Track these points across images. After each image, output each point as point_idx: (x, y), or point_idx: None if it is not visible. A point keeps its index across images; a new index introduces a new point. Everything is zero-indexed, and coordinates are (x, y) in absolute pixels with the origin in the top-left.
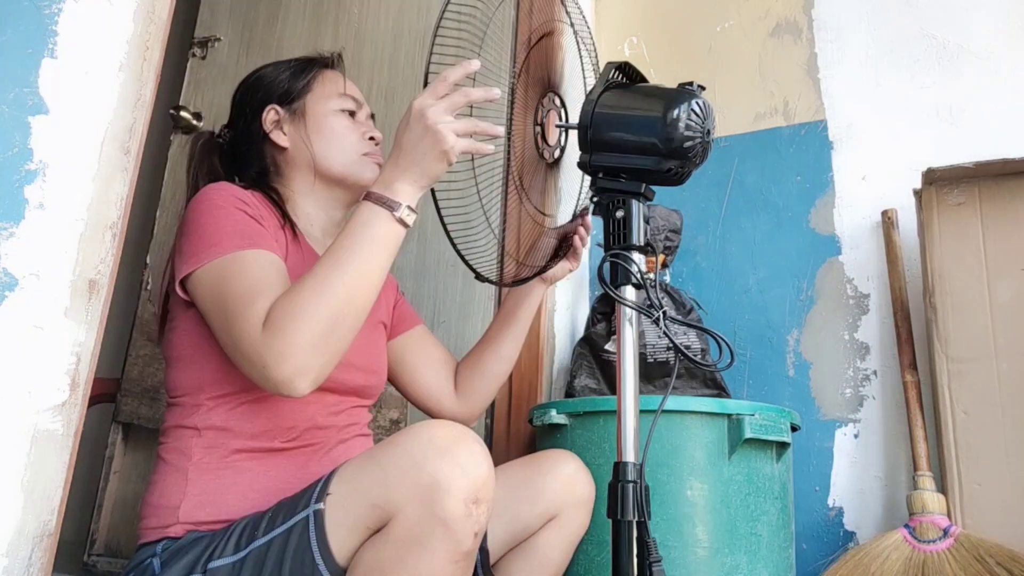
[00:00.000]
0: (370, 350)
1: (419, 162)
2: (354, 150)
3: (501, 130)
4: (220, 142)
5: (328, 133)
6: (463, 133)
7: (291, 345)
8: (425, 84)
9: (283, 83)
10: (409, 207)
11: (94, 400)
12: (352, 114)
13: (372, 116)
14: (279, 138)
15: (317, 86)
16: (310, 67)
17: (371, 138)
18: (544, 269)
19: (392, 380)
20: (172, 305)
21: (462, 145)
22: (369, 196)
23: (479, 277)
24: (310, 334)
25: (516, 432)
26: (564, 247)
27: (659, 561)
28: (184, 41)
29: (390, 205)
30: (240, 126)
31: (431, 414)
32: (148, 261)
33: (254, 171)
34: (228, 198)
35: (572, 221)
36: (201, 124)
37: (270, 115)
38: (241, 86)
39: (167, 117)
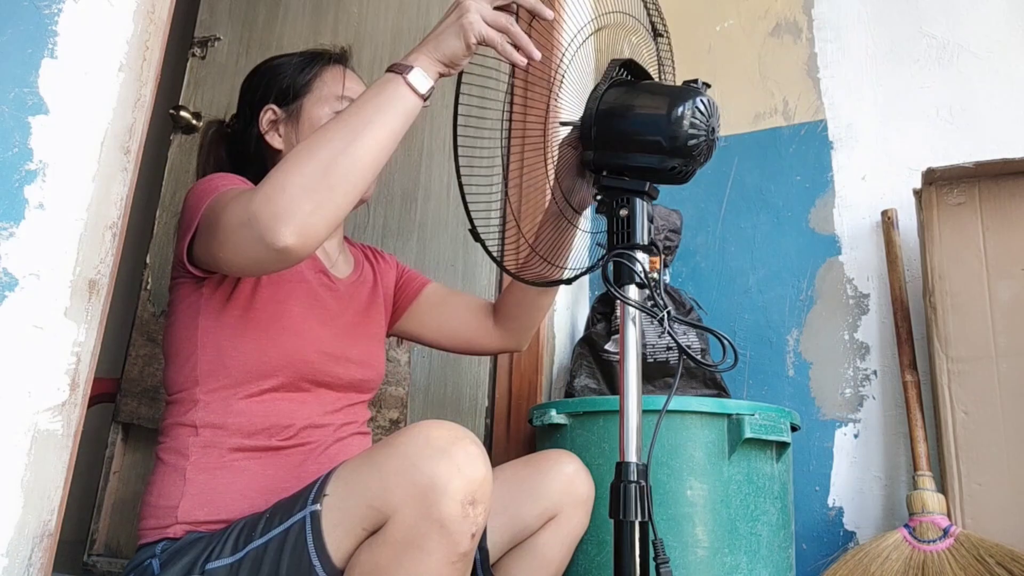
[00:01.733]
0: (366, 344)
1: (438, 35)
2: None
3: (538, 53)
4: (229, 132)
5: None
6: (492, 23)
7: (279, 188)
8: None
9: (283, 81)
10: (423, 72)
11: (94, 400)
12: None
13: None
14: (274, 140)
15: (316, 86)
16: (312, 64)
17: None
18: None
19: (432, 344)
20: (175, 299)
21: (483, 29)
22: (388, 69)
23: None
24: (299, 177)
25: (516, 432)
26: None
27: (667, 562)
28: (184, 41)
29: (400, 69)
30: (242, 122)
31: (484, 354)
32: (148, 261)
33: (253, 170)
34: (223, 176)
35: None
36: (201, 124)
37: (267, 115)
38: (247, 79)
39: (167, 117)
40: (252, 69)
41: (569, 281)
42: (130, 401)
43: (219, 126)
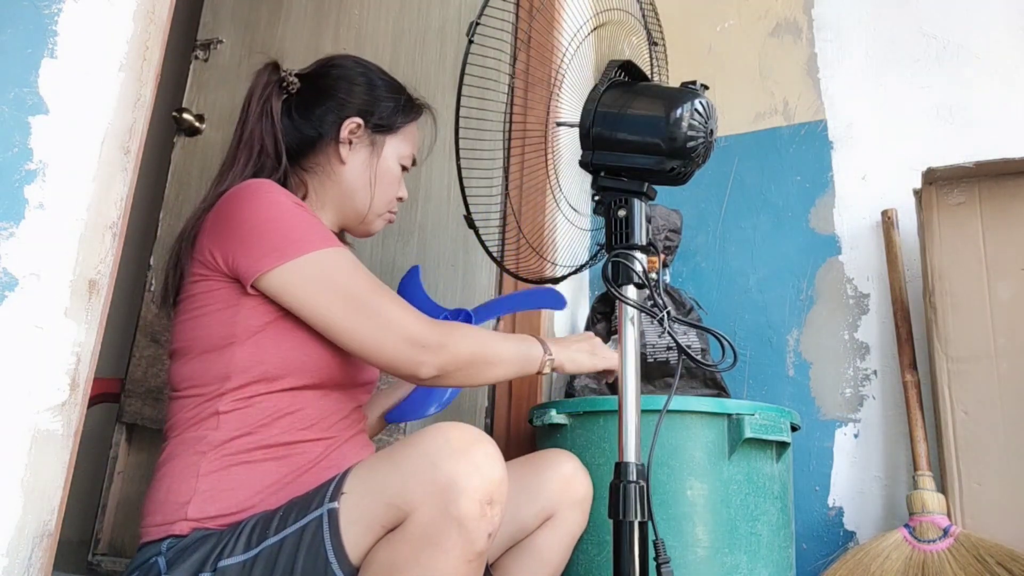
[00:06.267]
0: None
1: (578, 348)
2: (387, 205)
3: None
4: (287, 93)
5: (385, 182)
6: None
7: (457, 346)
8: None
9: (383, 109)
10: (553, 363)
11: (97, 400)
12: (405, 169)
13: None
14: (345, 152)
15: (404, 132)
16: (412, 112)
17: (399, 197)
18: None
19: None
20: (203, 294)
21: (608, 365)
22: (541, 342)
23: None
24: (471, 352)
25: (516, 432)
26: None
27: (668, 562)
28: (186, 44)
29: (548, 351)
30: (317, 106)
31: None
32: (152, 263)
33: (296, 147)
34: (285, 195)
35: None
36: (204, 126)
37: (352, 126)
38: (340, 68)
39: (170, 120)
40: (350, 63)
41: (559, 279)
42: (134, 401)
43: (278, 81)
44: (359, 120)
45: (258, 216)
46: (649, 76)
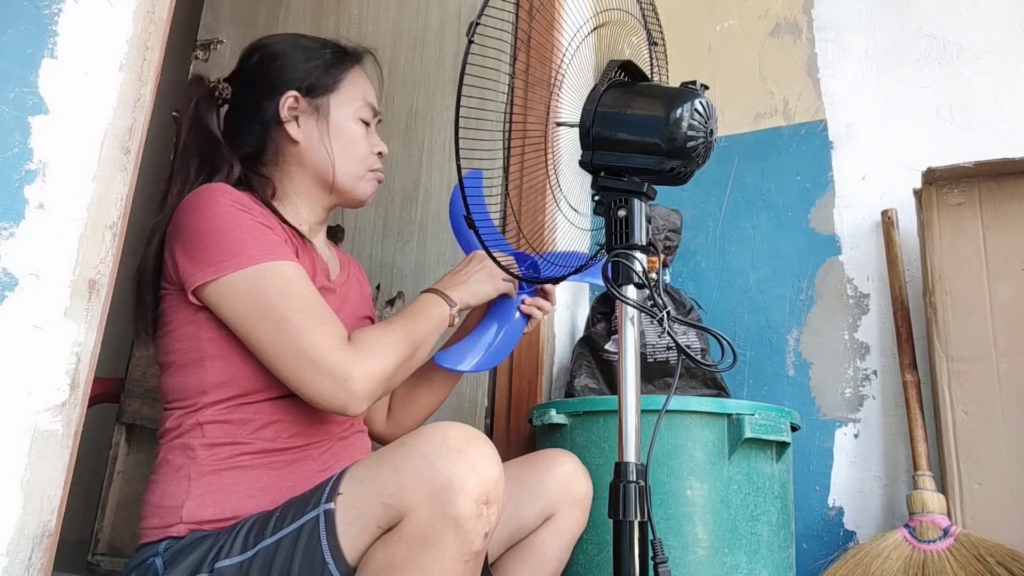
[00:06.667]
0: None
1: (469, 281)
2: (363, 164)
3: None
4: (218, 97)
5: (344, 142)
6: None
7: (377, 369)
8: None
9: (313, 71)
10: (460, 307)
11: (97, 400)
12: (367, 123)
13: (380, 120)
14: (293, 130)
15: (345, 86)
16: (342, 64)
17: (378, 152)
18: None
19: None
20: (169, 309)
21: (504, 285)
22: (431, 292)
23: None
24: (390, 367)
25: (516, 432)
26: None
27: (665, 562)
28: (187, 44)
29: (449, 302)
30: (250, 98)
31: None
32: None
33: (250, 148)
34: (232, 202)
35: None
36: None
37: (289, 101)
38: (259, 51)
39: (170, 120)
40: (267, 42)
41: (559, 280)
42: (133, 402)
43: (207, 91)
44: (293, 93)
45: (202, 227)
46: (649, 76)
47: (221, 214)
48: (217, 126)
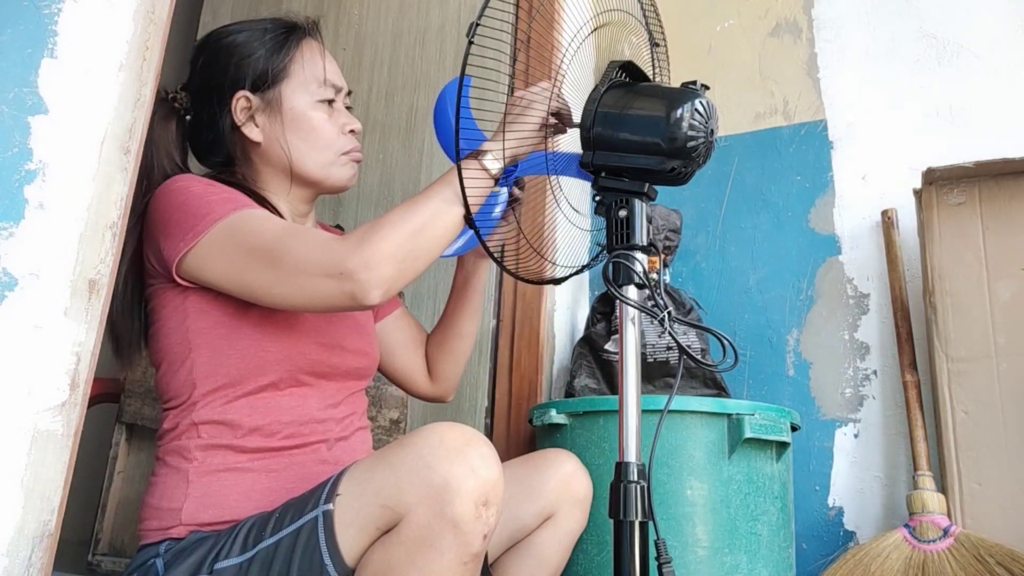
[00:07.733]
0: (359, 331)
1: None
2: (332, 149)
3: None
4: (178, 108)
5: (306, 132)
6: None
7: (377, 252)
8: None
9: (257, 63)
10: (493, 157)
11: (97, 400)
12: (331, 101)
13: (349, 92)
14: (251, 132)
15: (295, 70)
16: (287, 44)
17: (350, 131)
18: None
19: None
20: (157, 306)
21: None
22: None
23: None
24: (395, 244)
25: (516, 432)
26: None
27: (669, 562)
28: (186, 44)
29: (477, 154)
30: (204, 109)
31: (407, 391)
32: None
33: (219, 158)
34: (198, 181)
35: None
36: None
37: (240, 103)
38: (203, 52)
39: None
40: (208, 41)
41: (559, 280)
42: (134, 402)
43: (164, 102)
44: (243, 93)
45: (170, 207)
46: (650, 77)
47: (188, 190)
48: (180, 141)
